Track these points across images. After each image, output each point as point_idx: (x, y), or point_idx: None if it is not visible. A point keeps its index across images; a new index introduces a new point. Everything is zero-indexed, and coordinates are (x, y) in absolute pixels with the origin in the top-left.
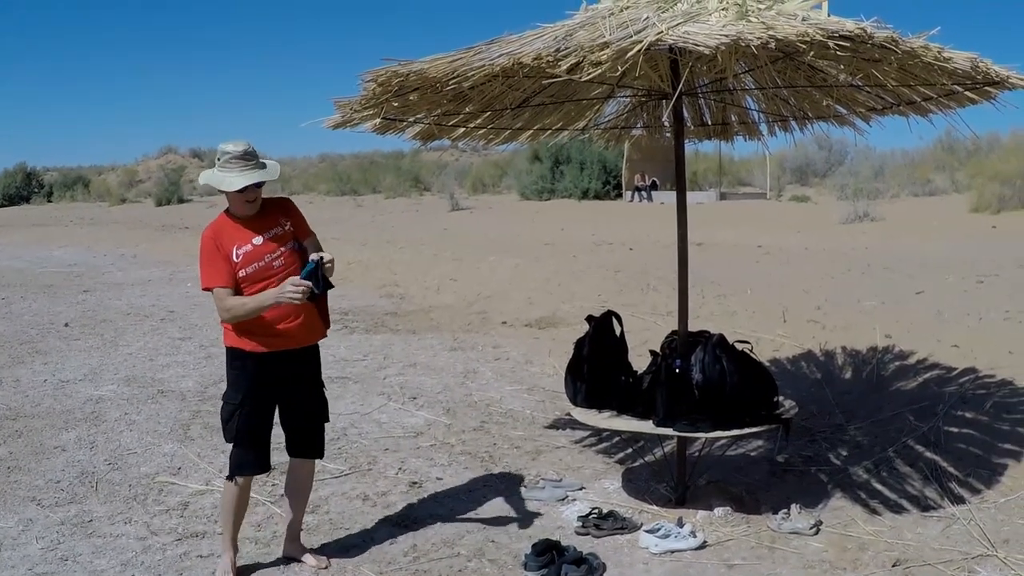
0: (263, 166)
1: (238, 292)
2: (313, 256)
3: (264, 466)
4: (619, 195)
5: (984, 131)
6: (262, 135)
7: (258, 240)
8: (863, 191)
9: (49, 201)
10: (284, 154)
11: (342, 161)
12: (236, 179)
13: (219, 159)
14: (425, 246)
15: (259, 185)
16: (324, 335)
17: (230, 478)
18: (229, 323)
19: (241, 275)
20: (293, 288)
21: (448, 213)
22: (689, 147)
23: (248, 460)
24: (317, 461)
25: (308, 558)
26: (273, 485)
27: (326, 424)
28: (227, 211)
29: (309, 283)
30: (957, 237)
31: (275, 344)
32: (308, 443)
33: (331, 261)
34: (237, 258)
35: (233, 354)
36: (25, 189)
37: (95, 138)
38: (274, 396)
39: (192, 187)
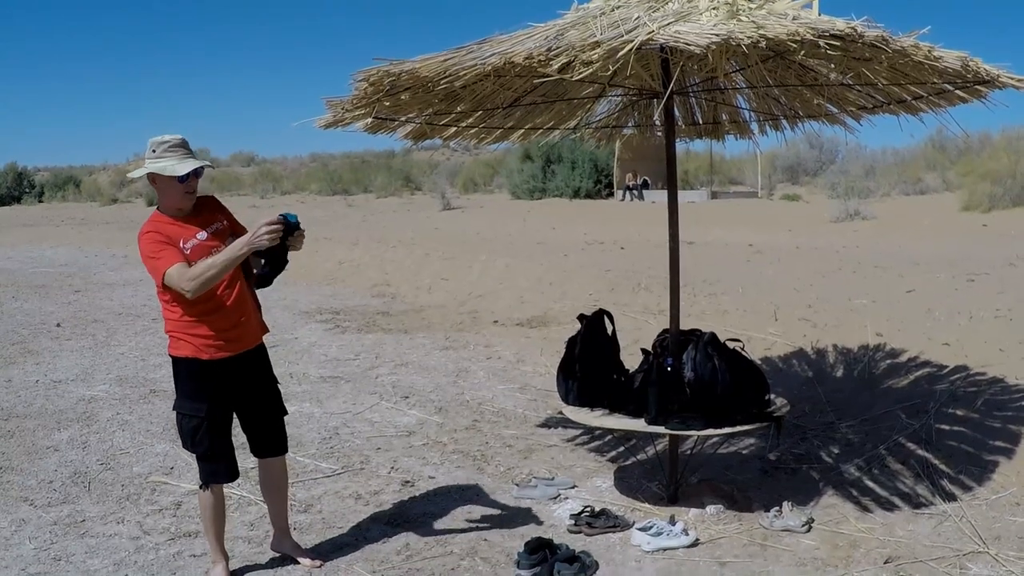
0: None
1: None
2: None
3: (235, 472)
4: (610, 194)
5: (975, 130)
6: (253, 135)
7: (202, 235)
8: (854, 190)
9: (40, 201)
10: (275, 154)
11: (333, 161)
12: (180, 165)
13: (154, 151)
14: (416, 245)
15: (199, 174)
16: (267, 330)
17: (204, 488)
18: (197, 293)
19: None
20: (268, 229)
21: (439, 212)
22: (680, 146)
23: (221, 469)
24: (309, 460)
25: (303, 560)
26: None
27: (311, 423)
28: (160, 211)
29: (280, 220)
30: (948, 236)
31: (232, 348)
32: (274, 441)
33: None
34: (186, 251)
35: (189, 365)
36: (16, 189)
37: (86, 138)
38: (235, 401)
39: None
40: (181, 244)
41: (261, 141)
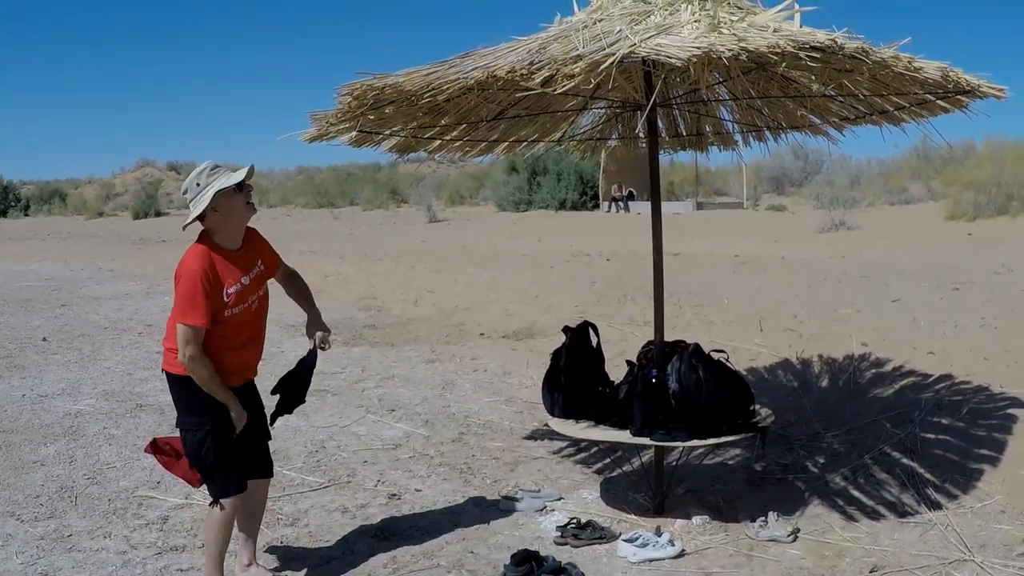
0: None
1: (216, 330)
2: (313, 345)
3: (245, 484)
4: (596, 206)
5: (959, 139)
6: (239, 148)
7: (246, 280)
8: (839, 200)
9: (26, 215)
10: (261, 167)
11: (319, 174)
12: (234, 175)
13: (199, 184)
14: (403, 258)
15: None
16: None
17: (215, 503)
18: (185, 367)
19: (227, 315)
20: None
21: (426, 225)
22: (665, 157)
23: (232, 482)
24: (296, 474)
25: None
26: None
27: (297, 436)
28: (208, 241)
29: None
30: (933, 245)
31: (230, 381)
32: (264, 462)
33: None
34: (227, 298)
35: (189, 383)
36: (1, 203)
37: (72, 151)
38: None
39: (169, 200)
40: (225, 290)
41: (247, 154)
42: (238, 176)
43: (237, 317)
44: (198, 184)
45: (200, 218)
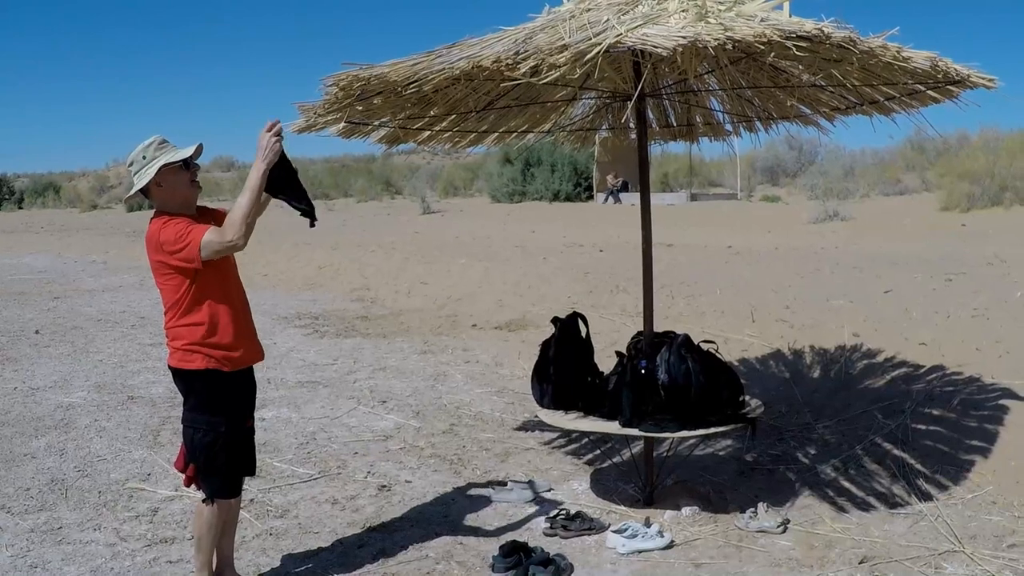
0: None
1: (211, 275)
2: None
3: (239, 488)
4: (590, 197)
5: (953, 130)
6: (233, 139)
7: None
8: (833, 191)
9: (20, 208)
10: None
11: (313, 166)
12: (181, 151)
13: (144, 156)
14: (396, 249)
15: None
16: None
17: (210, 502)
18: (247, 237)
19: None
20: (271, 134)
21: (419, 216)
22: (659, 148)
23: (234, 483)
24: (286, 465)
25: None
26: (244, 489)
27: (288, 428)
28: (167, 213)
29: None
30: (927, 236)
31: (246, 359)
32: (253, 459)
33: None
34: None
35: (205, 378)
36: None
37: (65, 144)
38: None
39: None
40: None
41: (241, 146)
42: (185, 153)
43: (227, 260)
44: (144, 157)
45: (144, 193)
